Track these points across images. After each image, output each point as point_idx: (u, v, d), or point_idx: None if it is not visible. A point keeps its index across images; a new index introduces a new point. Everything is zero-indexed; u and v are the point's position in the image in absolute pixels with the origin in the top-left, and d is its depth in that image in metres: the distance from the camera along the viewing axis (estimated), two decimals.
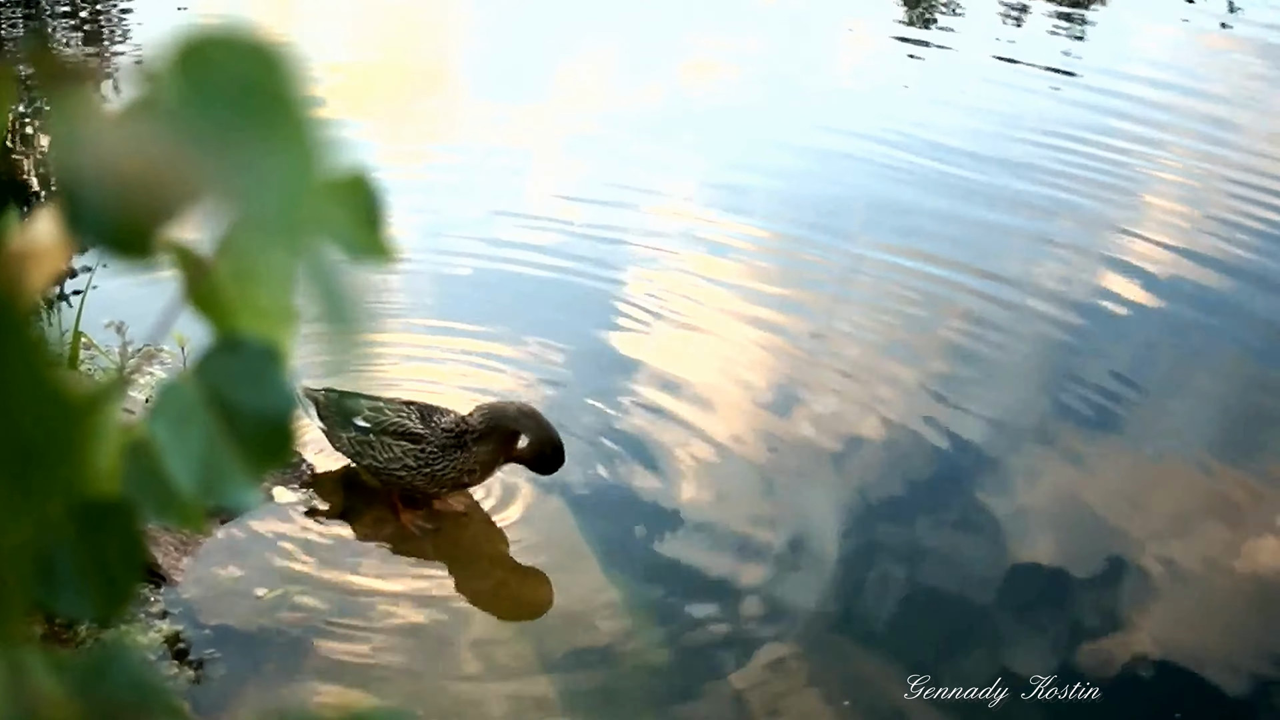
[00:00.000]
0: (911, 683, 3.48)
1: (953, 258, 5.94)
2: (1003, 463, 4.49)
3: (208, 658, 3.41)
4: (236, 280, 0.61)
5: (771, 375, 4.89)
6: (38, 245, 0.59)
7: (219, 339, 0.62)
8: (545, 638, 3.61)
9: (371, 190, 0.60)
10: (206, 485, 0.64)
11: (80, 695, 0.57)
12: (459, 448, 3.92)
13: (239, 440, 0.64)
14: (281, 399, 0.64)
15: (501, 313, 5.19)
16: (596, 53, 9.35)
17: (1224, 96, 8.58)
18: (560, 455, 3.91)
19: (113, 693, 0.58)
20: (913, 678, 3.49)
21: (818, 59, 9.49)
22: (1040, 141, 7.50)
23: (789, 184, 6.70)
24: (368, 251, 0.60)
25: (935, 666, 3.55)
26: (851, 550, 4.02)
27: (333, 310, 0.55)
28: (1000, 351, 5.16)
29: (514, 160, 6.94)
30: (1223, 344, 5.40)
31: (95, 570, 0.68)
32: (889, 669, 3.57)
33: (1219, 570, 4.04)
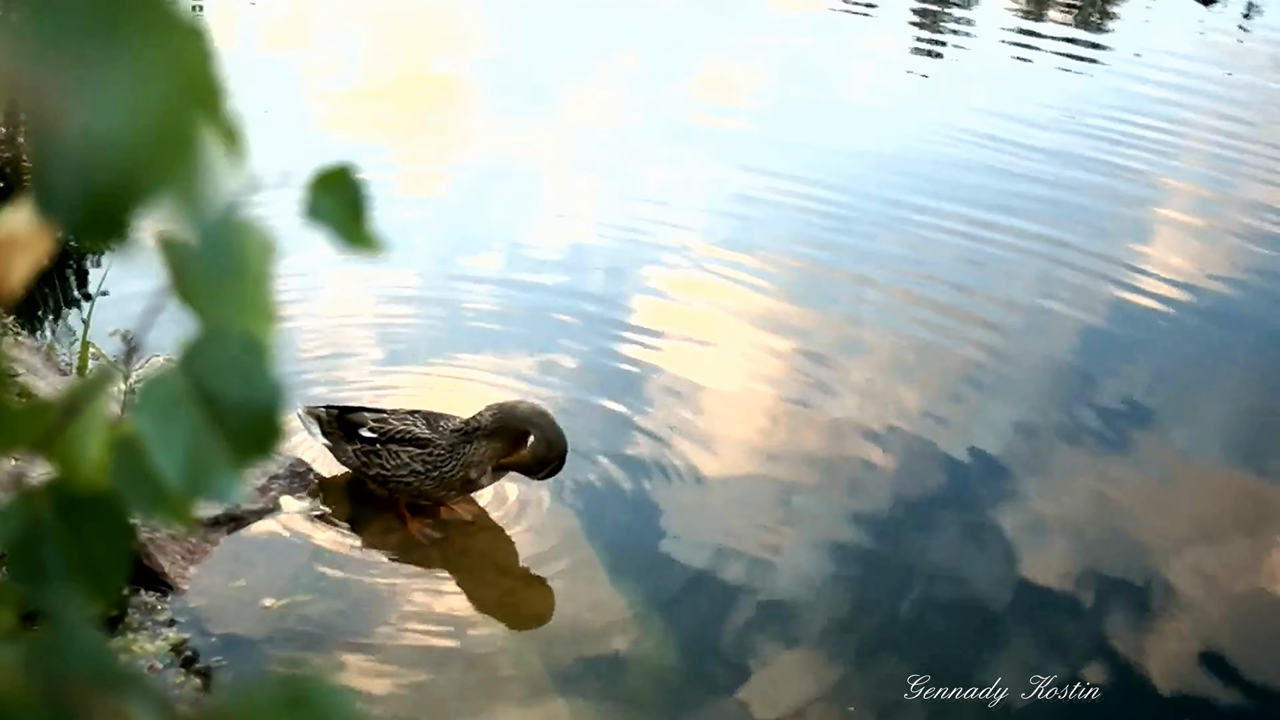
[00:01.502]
0: (912, 683, 3.47)
1: (964, 273, 5.93)
2: (1008, 470, 4.48)
3: (214, 666, 3.41)
4: (219, 272, 0.61)
5: (780, 390, 4.88)
6: (16, 234, 0.59)
7: (203, 331, 0.62)
8: (552, 647, 3.60)
9: (356, 181, 0.60)
10: (193, 478, 0.64)
11: (34, 673, 0.56)
12: (467, 442, 3.94)
13: (225, 432, 0.64)
14: (266, 390, 0.63)
15: (510, 329, 5.20)
16: (607, 69, 9.37)
17: (1241, 103, 8.56)
18: (562, 460, 3.91)
19: (68, 670, 0.57)
20: (913, 678, 3.49)
21: (828, 75, 9.49)
22: (1050, 156, 7.49)
23: (799, 199, 6.70)
24: (355, 242, 0.60)
25: (952, 677, 3.54)
26: (858, 559, 4.01)
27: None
28: (1013, 364, 5.15)
29: (524, 176, 6.95)
30: (1238, 353, 5.38)
31: (83, 565, 0.67)
32: (894, 676, 3.56)
33: (1223, 576, 4.02)
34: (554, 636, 3.64)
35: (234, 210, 0.58)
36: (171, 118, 0.48)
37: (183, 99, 0.48)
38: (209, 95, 0.50)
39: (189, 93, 0.48)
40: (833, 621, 3.74)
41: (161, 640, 3.44)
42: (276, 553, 3.88)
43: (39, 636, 0.59)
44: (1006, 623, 3.80)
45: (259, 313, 0.62)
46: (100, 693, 0.56)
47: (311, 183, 0.59)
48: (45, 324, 5.00)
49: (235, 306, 0.61)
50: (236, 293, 0.61)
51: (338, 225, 0.59)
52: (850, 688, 3.51)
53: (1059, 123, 8.13)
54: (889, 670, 3.58)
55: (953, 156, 7.31)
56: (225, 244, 0.60)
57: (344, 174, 0.60)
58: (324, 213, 0.59)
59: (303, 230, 0.66)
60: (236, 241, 0.62)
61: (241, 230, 0.62)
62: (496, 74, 8.81)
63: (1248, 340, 5.47)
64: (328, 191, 0.60)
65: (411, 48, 9.33)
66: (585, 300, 5.48)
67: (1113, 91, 8.98)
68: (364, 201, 0.60)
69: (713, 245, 6.09)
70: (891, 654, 3.64)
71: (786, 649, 3.61)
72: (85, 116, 0.46)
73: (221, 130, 0.52)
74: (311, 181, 0.59)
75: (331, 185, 0.60)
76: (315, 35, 9.42)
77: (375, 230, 0.60)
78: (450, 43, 9.51)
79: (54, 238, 0.59)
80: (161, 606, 3.57)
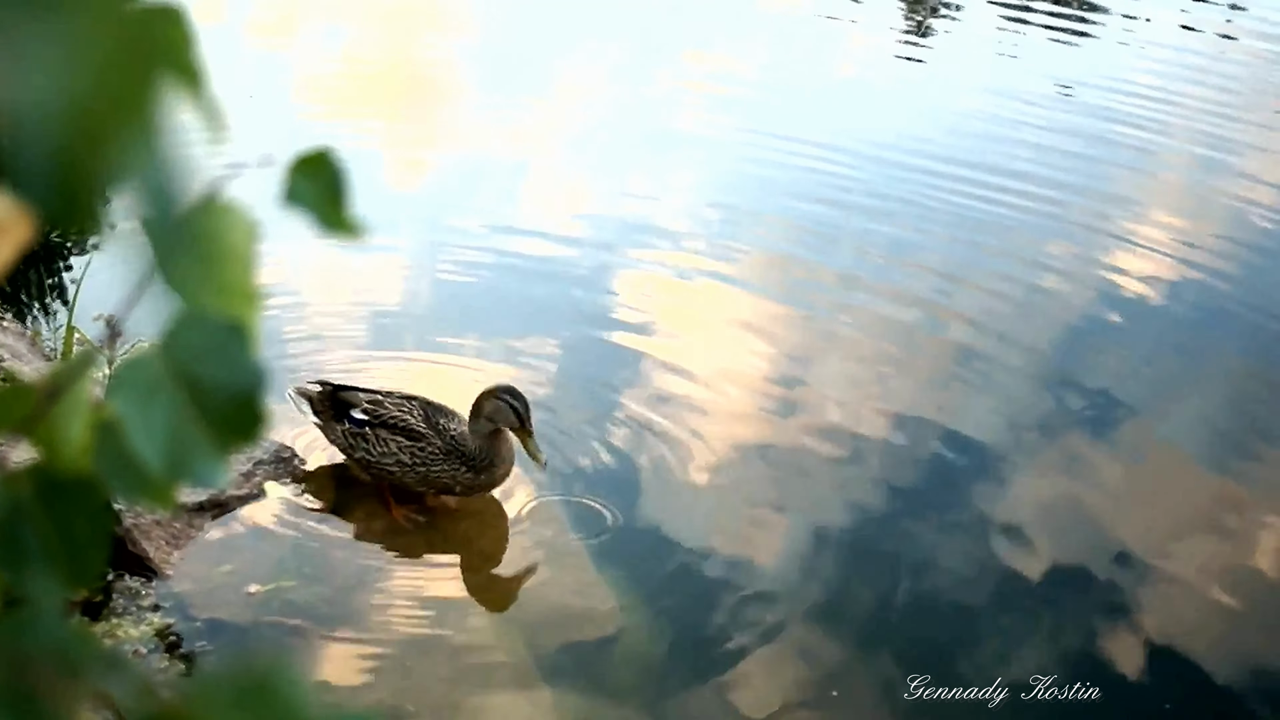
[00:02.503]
0: (912, 683, 3.48)
1: (952, 264, 5.94)
2: (1004, 467, 4.49)
3: (199, 651, 3.41)
4: (201, 255, 0.61)
5: (767, 380, 4.88)
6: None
7: (184, 314, 0.62)
8: (537, 634, 3.61)
9: (336, 166, 0.60)
10: (174, 461, 0.64)
11: None
12: (468, 467, 3.92)
13: (206, 416, 0.64)
14: (249, 374, 0.63)
15: (493, 318, 5.19)
16: (595, 59, 9.35)
17: (1222, 101, 8.58)
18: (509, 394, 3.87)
19: (33, 653, 0.57)
20: (913, 678, 3.50)
21: (816, 70, 9.48)
22: (1037, 148, 7.50)
23: (786, 192, 6.70)
24: (334, 227, 0.60)
25: (935, 667, 3.55)
26: (848, 552, 4.01)
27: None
28: (999, 356, 5.16)
29: (511, 168, 6.93)
30: (1220, 348, 5.40)
31: (62, 549, 0.67)
32: (877, 666, 3.57)
33: (1218, 571, 4.04)
34: (539, 624, 3.65)
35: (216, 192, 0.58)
36: (114, 80, 0.47)
37: (126, 60, 0.47)
38: (159, 53, 0.49)
39: (133, 53, 0.47)
40: (816, 612, 3.75)
41: (146, 625, 3.44)
42: (261, 538, 3.88)
43: (6, 619, 0.59)
44: (988, 615, 3.81)
45: (242, 296, 0.62)
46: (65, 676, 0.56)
47: (290, 166, 0.59)
48: (29, 309, 4.99)
49: (217, 289, 0.61)
50: (219, 275, 0.61)
51: (317, 209, 0.59)
52: (833, 676, 3.52)
53: (1050, 102, 8.13)
54: (872, 659, 3.59)
55: (941, 143, 7.31)
56: (207, 226, 0.60)
57: (324, 158, 0.60)
58: (303, 196, 0.59)
59: (286, 212, 0.66)
60: (219, 224, 0.62)
61: (224, 212, 0.62)
62: (483, 63, 8.79)
63: (1231, 336, 5.49)
64: (307, 175, 0.60)
65: (399, 35, 9.30)
66: (572, 288, 5.47)
67: (1104, 66, 8.99)
68: (344, 186, 0.60)
69: (699, 236, 6.08)
70: (874, 644, 3.65)
71: (770, 638, 3.62)
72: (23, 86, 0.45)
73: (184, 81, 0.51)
74: (290, 165, 0.59)
75: (311, 169, 0.60)
76: (302, 23, 9.38)
77: (355, 215, 0.60)
78: (438, 32, 9.48)
79: (33, 222, 0.59)
80: (146, 591, 3.57)
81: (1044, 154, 7.30)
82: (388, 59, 8.69)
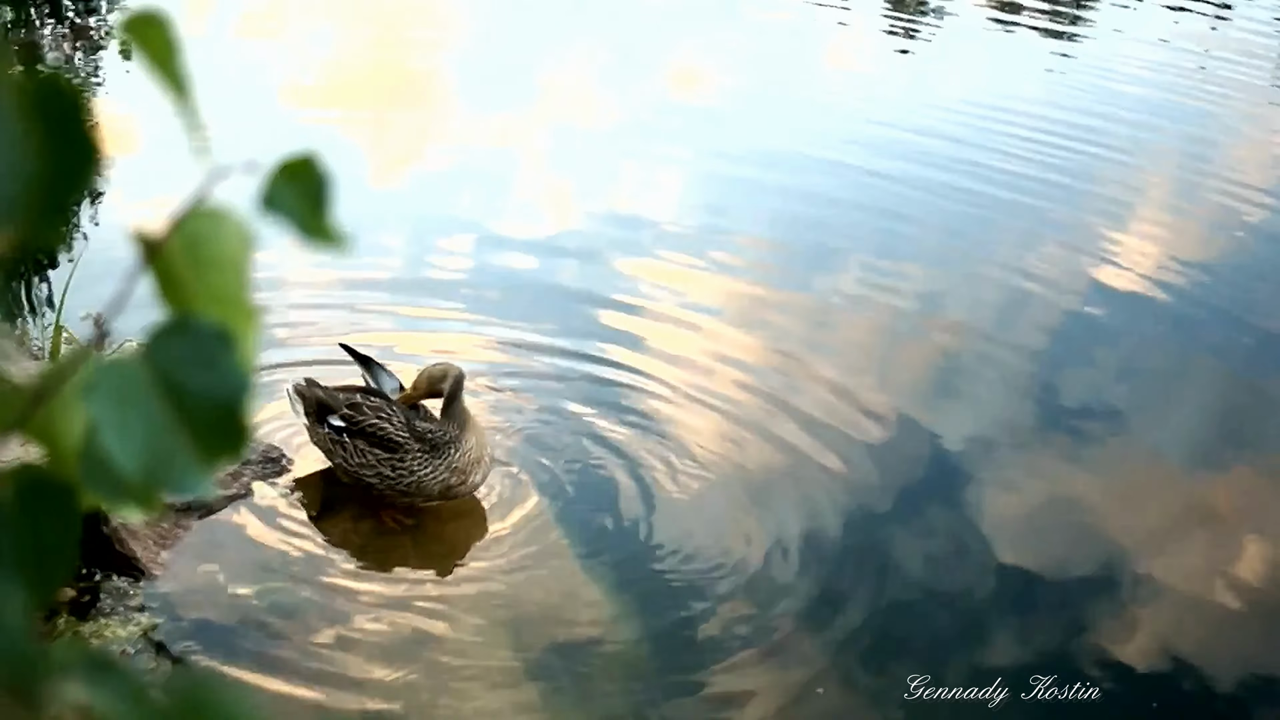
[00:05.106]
0: (912, 683, 3.48)
1: (940, 265, 5.94)
2: (995, 468, 4.49)
3: (185, 651, 3.39)
4: (192, 261, 0.60)
5: (758, 382, 4.87)
6: None
7: (168, 320, 0.61)
8: (524, 634, 3.60)
9: (320, 172, 0.59)
10: (152, 469, 0.62)
11: None
12: (437, 456, 3.90)
13: (189, 425, 0.62)
14: (234, 384, 0.62)
15: (481, 313, 5.17)
16: (582, 59, 9.33)
17: (1211, 100, 8.59)
18: (453, 379, 3.90)
19: None
20: (913, 678, 3.50)
21: (804, 68, 9.48)
22: (1028, 145, 7.50)
23: (774, 191, 6.70)
24: (314, 235, 0.59)
25: (929, 668, 3.55)
26: (836, 554, 4.01)
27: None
28: (989, 355, 5.16)
29: (498, 169, 6.91)
30: (1209, 349, 5.41)
31: (32, 555, 0.66)
32: (863, 663, 3.57)
33: (1214, 571, 4.05)
34: (526, 625, 3.64)
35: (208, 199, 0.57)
36: None
37: None
38: None
39: None
40: (802, 610, 3.75)
41: (133, 625, 3.43)
42: (249, 539, 3.86)
43: None
44: (984, 615, 3.82)
45: (234, 305, 0.61)
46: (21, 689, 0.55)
47: (272, 172, 0.58)
48: (18, 309, 4.96)
49: (210, 298, 0.60)
50: (211, 284, 0.60)
51: (297, 217, 0.58)
52: (821, 678, 3.52)
53: (1039, 102, 8.14)
54: (858, 657, 3.59)
55: (927, 143, 7.31)
56: (201, 234, 0.59)
57: (308, 164, 0.59)
58: (282, 203, 0.58)
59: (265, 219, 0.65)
60: (213, 231, 0.60)
61: (218, 220, 0.61)
62: (471, 65, 8.77)
63: (1220, 337, 5.50)
64: (289, 182, 0.59)
65: (385, 37, 9.28)
66: (560, 284, 5.47)
67: (1090, 72, 9.00)
68: (326, 193, 0.59)
69: (685, 238, 6.07)
70: (861, 642, 3.65)
71: (758, 639, 3.62)
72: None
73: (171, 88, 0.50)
74: (272, 171, 0.58)
75: (293, 175, 0.59)
76: (288, 26, 9.35)
77: (336, 224, 0.60)
78: (425, 35, 9.45)
79: None
80: (134, 592, 3.56)
81: (1030, 158, 7.31)
82: (374, 62, 8.67)
